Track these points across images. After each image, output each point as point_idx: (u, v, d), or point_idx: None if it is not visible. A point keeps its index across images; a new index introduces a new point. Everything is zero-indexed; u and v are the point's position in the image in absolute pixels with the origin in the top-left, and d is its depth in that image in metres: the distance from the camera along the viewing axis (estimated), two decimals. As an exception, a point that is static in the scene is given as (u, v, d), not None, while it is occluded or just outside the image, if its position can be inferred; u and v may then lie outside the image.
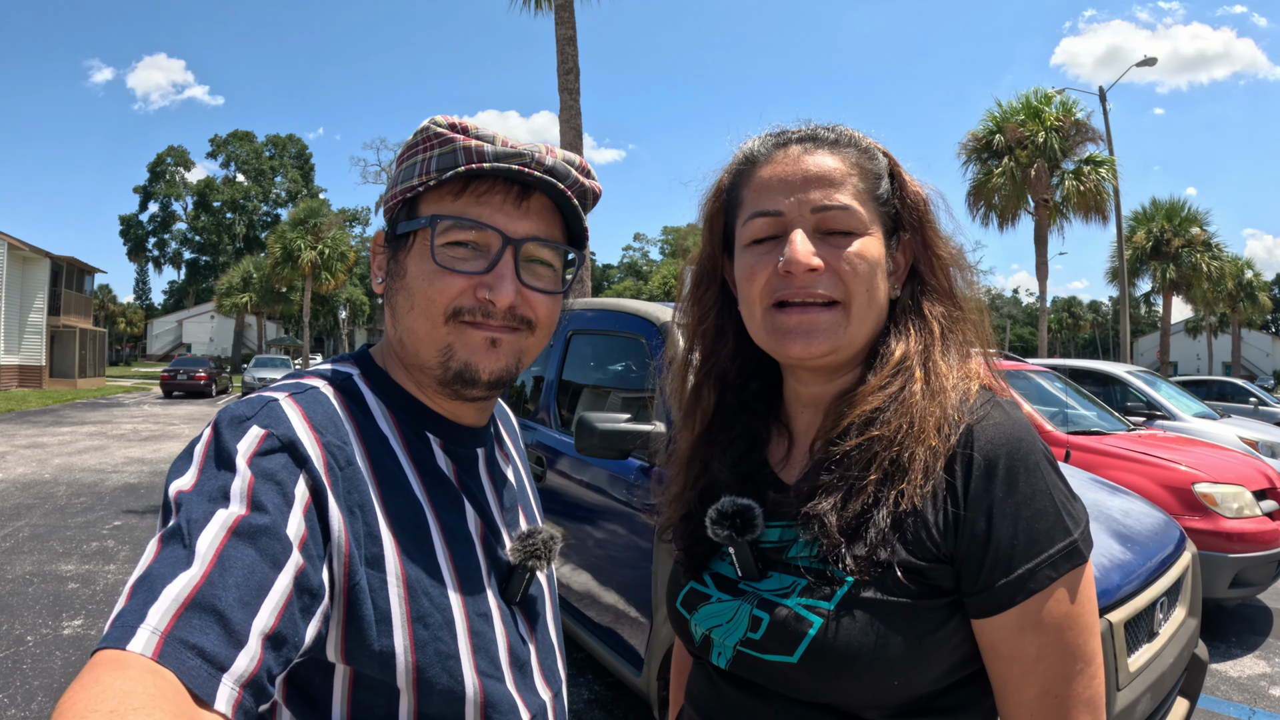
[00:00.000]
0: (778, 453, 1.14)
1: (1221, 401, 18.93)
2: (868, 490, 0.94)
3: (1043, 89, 23.56)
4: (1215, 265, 33.90)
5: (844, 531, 0.94)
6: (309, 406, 0.90)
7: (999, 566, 0.91)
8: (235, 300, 52.42)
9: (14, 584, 6.32)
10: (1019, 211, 23.96)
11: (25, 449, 14.64)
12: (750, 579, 1.03)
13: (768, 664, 0.96)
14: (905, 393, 0.99)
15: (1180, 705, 3.18)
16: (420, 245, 0.97)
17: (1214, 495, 5.65)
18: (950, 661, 0.94)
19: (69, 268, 38.05)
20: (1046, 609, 0.91)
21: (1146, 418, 9.59)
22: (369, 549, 0.87)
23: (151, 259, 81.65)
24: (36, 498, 9.93)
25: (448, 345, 0.96)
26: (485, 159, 0.96)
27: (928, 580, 0.92)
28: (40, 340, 34.66)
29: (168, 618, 0.66)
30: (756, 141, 1.11)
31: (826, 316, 1.00)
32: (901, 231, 1.08)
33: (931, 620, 0.92)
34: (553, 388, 4.66)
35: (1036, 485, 0.93)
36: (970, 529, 0.92)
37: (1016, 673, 0.92)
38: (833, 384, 1.08)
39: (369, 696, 0.87)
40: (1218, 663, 5.22)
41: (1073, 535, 0.93)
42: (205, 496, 0.77)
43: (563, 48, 13.13)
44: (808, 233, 1.01)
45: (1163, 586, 3.00)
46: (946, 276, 1.08)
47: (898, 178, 1.08)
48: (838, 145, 1.05)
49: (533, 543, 1.02)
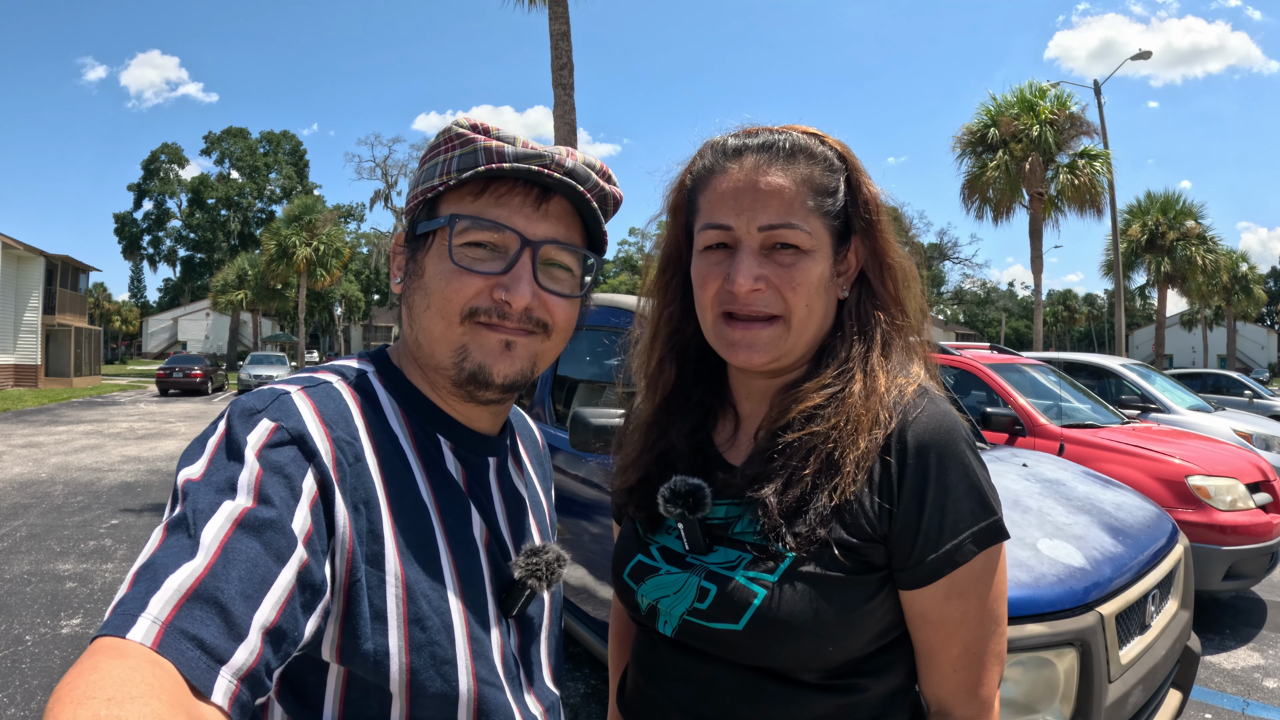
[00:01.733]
0: (724, 433, 1.22)
1: (1216, 394, 18.99)
2: (806, 480, 1.03)
3: (1037, 82, 23.55)
4: (1210, 258, 33.96)
5: (784, 514, 1.03)
6: (321, 401, 0.90)
7: (929, 543, 1.01)
8: (230, 297, 52.29)
9: (12, 583, 6.32)
10: (1014, 205, 23.95)
11: (21, 448, 14.62)
12: (697, 553, 1.10)
13: (713, 631, 1.04)
14: (844, 393, 1.08)
15: (1173, 697, 3.21)
16: (438, 245, 0.98)
17: (1207, 488, 5.67)
18: (878, 628, 1.04)
19: (64, 266, 37.98)
20: (969, 579, 1.02)
21: (1141, 411, 9.62)
22: (371, 546, 0.86)
23: (146, 257, 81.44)
24: (33, 497, 9.92)
25: (462, 346, 0.96)
26: (505, 159, 0.96)
27: (861, 557, 1.02)
28: (35, 339, 34.58)
29: (169, 607, 0.66)
30: (716, 147, 1.16)
31: (767, 332, 1.09)
32: (854, 235, 1.14)
33: (863, 592, 1.02)
34: (547, 383, 4.67)
35: (961, 471, 1.03)
36: (903, 511, 1.02)
37: (942, 635, 1.04)
38: (777, 380, 1.17)
39: (361, 698, 0.87)
40: (1211, 655, 5.25)
41: (995, 515, 1.04)
42: (213, 487, 0.77)
43: (556, 43, 13.11)
44: (754, 248, 1.08)
45: (1155, 579, 3.02)
46: (894, 283, 1.15)
47: (854, 182, 1.13)
48: (792, 158, 1.10)
49: (536, 562, 1.02)
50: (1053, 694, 2.41)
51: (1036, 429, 6.74)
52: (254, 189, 78.41)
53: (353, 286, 66.36)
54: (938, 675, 1.07)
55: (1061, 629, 2.42)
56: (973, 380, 7.49)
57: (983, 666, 1.05)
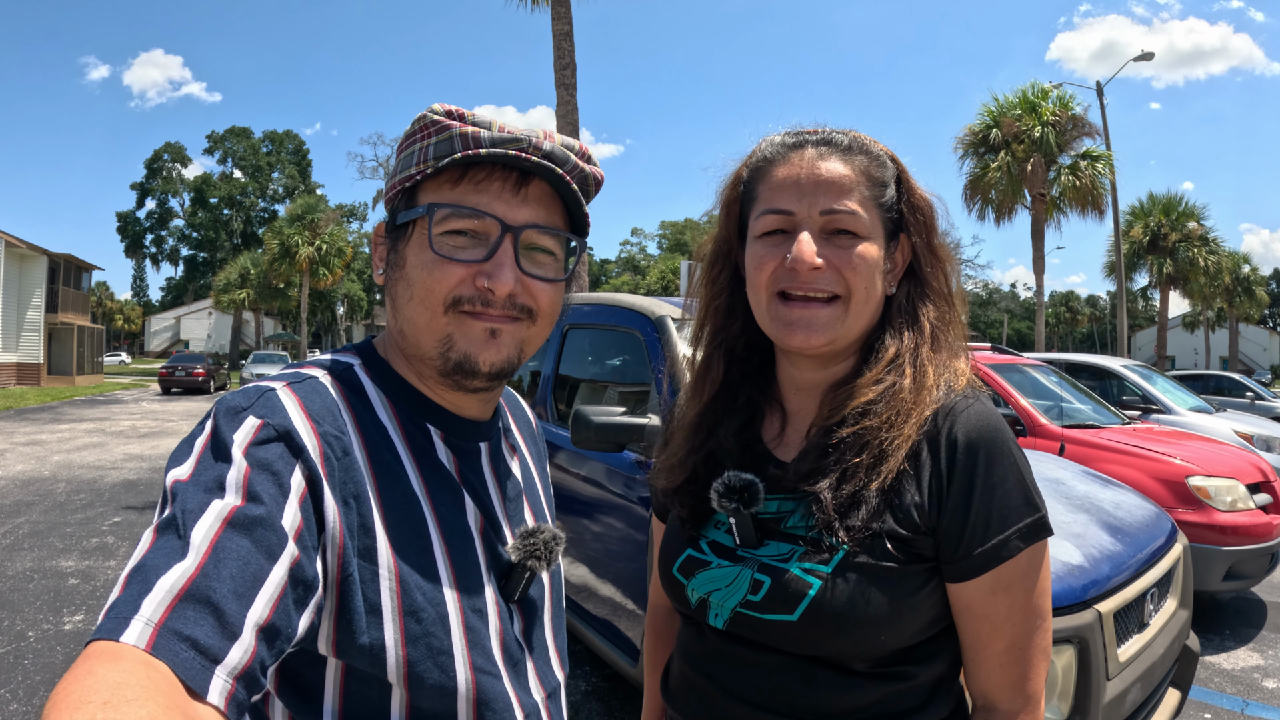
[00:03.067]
0: (771, 430, 1.24)
1: (1218, 396, 18.98)
2: (859, 474, 1.06)
3: (1039, 83, 23.55)
4: (1212, 260, 33.96)
5: (838, 508, 1.05)
6: (306, 396, 0.89)
7: (976, 537, 1.04)
8: (233, 296, 52.32)
9: (14, 580, 6.34)
10: (1016, 206, 23.94)
11: (24, 446, 14.65)
12: (749, 547, 1.13)
13: (766, 622, 1.07)
14: (895, 387, 1.10)
15: (1172, 696, 3.22)
16: (419, 234, 0.96)
17: (1207, 488, 5.67)
18: (927, 618, 1.07)
19: (66, 265, 38.02)
20: (1015, 574, 1.05)
21: (1142, 411, 9.62)
22: (362, 540, 0.86)
23: (149, 256, 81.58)
24: (36, 494, 9.95)
25: (447, 335, 0.95)
26: (482, 145, 0.95)
27: (912, 548, 1.05)
28: (38, 338, 34.64)
29: (162, 609, 0.66)
30: (775, 140, 1.20)
31: (826, 312, 1.11)
32: (902, 234, 1.17)
33: (914, 583, 1.05)
34: (550, 382, 4.68)
35: (1008, 468, 1.06)
36: (952, 505, 1.05)
37: (988, 629, 1.06)
38: (826, 371, 1.19)
39: (361, 689, 0.87)
40: (1211, 655, 5.26)
41: (1040, 512, 1.06)
42: (201, 487, 0.77)
43: (559, 43, 13.13)
44: (814, 233, 1.10)
45: (1153, 578, 3.03)
46: (945, 278, 1.19)
47: (905, 184, 1.17)
48: (850, 151, 1.14)
49: (534, 542, 1.02)
50: (1050, 691, 2.42)
51: (1037, 429, 6.74)
52: (257, 188, 78.48)
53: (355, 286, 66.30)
54: (984, 669, 1.09)
55: (1060, 626, 2.43)
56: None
57: (1029, 661, 1.07)
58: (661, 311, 3.88)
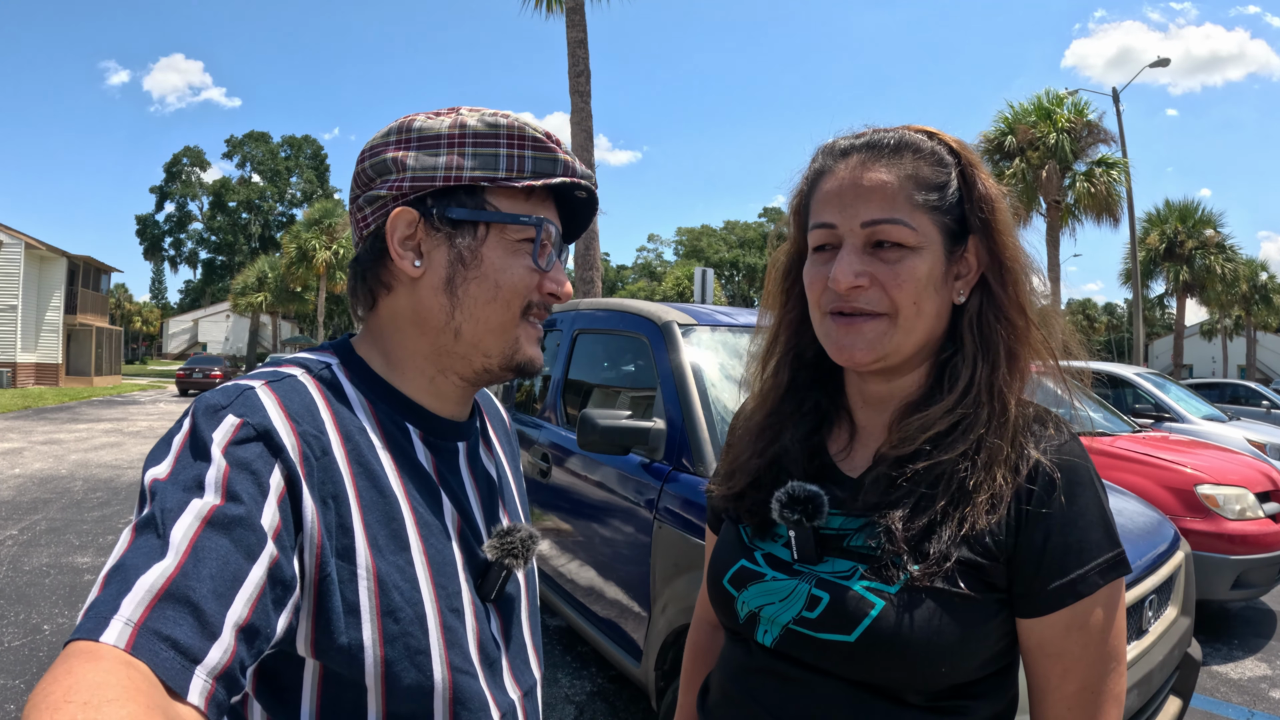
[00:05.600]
0: (839, 441, 1.19)
1: (1234, 404, 18.86)
2: (935, 510, 1.00)
3: (1054, 90, 23.47)
4: (1229, 267, 33.69)
5: (909, 541, 0.99)
6: (285, 395, 0.90)
7: (1053, 570, 0.98)
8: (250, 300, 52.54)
9: (31, 575, 6.44)
10: (1031, 213, 23.82)
11: (42, 445, 14.81)
12: (808, 562, 1.08)
13: (821, 642, 1.02)
14: (972, 420, 1.04)
15: (1172, 704, 3.22)
16: (500, 238, 1.01)
17: (1216, 497, 5.67)
18: (991, 653, 1.01)
19: (85, 267, 38.38)
20: (1092, 612, 0.99)
21: (1154, 419, 9.58)
22: (340, 540, 0.86)
23: (167, 258, 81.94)
24: (53, 492, 10.07)
25: (515, 337, 1.03)
26: (575, 174, 1.03)
27: (983, 576, 0.99)
28: (57, 338, 35.00)
29: (141, 609, 0.66)
30: (827, 150, 1.14)
31: (871, 326, 1.05)
32: (971, 236, 1.09)
33: (983, 613, 0.99)
34: (559, 386, 4.73)
35: (1090, 501, 1.01)
36: (1029, 535, 0.99)
37: (1059, 669, 1.01)
38: (891, 384, 1.13)
39: (338, 691, 0.88)
40: (1218, 665, 5.25)
41: (1119, 548, 1.01)
42: (180, 486, 0.77)
43: (574, 50, 13.22)
44: (858, 245, 1.05)
45: (1152, 584, 3.04)
46: (1015, 286, 1.09)
47: (969, 180, 1.08)
48: (896, 153, 1.07)
49: (510, 541, 1.03)
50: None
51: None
52: (275, 192, 78.82)
53: (371, 289, 66.19)
54: (1052, 713, 1.03)
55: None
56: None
57: (1100, 707, 1.01)
58: (668, 317, 3.91)
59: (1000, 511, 0.99)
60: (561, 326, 4.96)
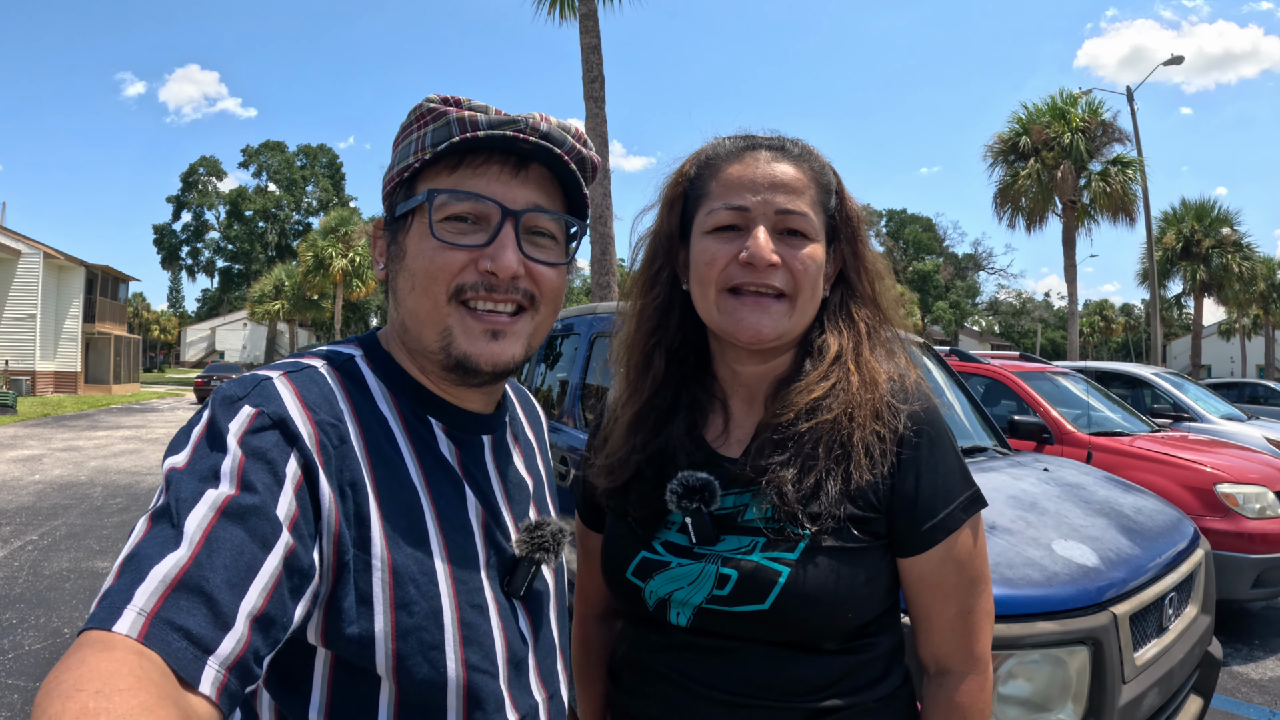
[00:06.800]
0: (714, 429, 1.26)
1: (1254, 404, 18.70)
2: (820, 466, 1.11)
3: (1068, 90, 23.43)
4: (1246, 266, 33.49)
5: (800, 499, 1.10)
6: (303, 384, 0.89)
7: (925, 513, 1.13)
8: (267, 308, 52.75)
9: (52, 579, 6.48)
10: (1046, 213, 23.78)
11: (62, 452, 14.91)
12: (707, 544, 1.15)
13: (737, 615, 1.10)
14: (843, 384, 1.16)
15: (1193, 703, 3.19)
16: (419, 223, 0.95)
17: (1235, 496, 5.62)
18: (883, 593, 1.15)
19: (104, 276, 38.76)
20: (960, 544, 1.15)
21: (1172, 419, 9.53)
22: (357, 530, 0.85)
23: (185, 267, 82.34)
24: (73, 498, 10.14)
25: (447, 328, 0.95)
26: (479, 128, 0.94)
27: (870, 528, 1.12)
28: (76, 347, 35.26)
29: (154, 599, 0.66)
30: (727, 140, 1.24)
31: (778, 306, 1.15)
32: (837, 242, 1.23)
33: (875, 560, 1.13)
34: (577, 391, 4.73)
35: (947, 449, 1.17)
36: (902, 484, 1.13)
37: (940, 597, 1.16)
38: (766, 366, 1.23)
39: (349, 682, 0.87)
40: (1239, 665, 5.21)
41: (975, 487, 1.18)
42: (196, 476, 0.76)
43: (587, 56, 13.25)
44: (769, 230, 1.14)
45: (1172, 582, 3.01)
46: (872, 285, 1.25)
47: (841, 195, 1.23)
48: (801, 159, 1.19)
49: (540, 534, 1.01)
50: (1065, 693, 2.42)
51: (1064, 436, 6.70)
52: (291, 201, 79.13)
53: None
54: (936, 636, 1.18)
55: (1073, 627, 2.43)
56: (1001, 389, 7.47)
57: (976, 625, 1.17)
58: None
59: (881, 466, 1.12)
60: (579, 330, 4.96)
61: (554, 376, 5.20)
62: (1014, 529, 2.88)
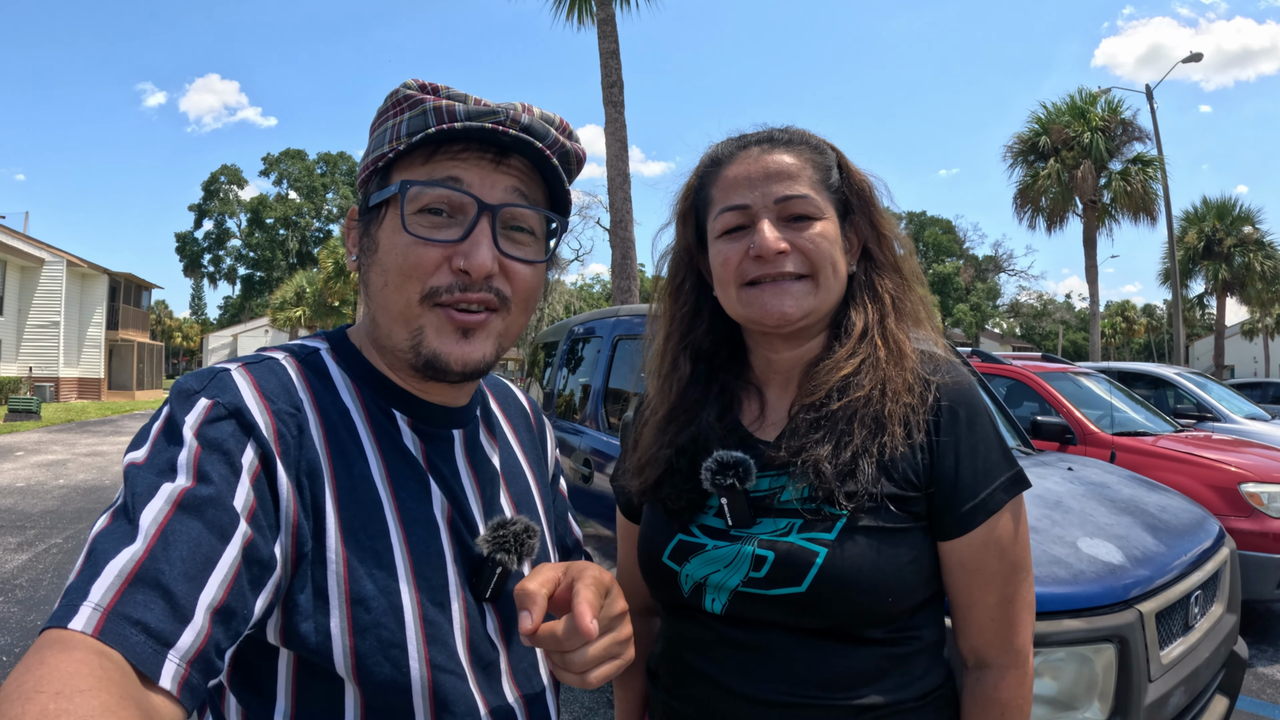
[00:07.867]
0: (750, 413, 1.26)
1: (1277, 404, 18.51)
2: (855, 442, 1.10)
3: (1087, 89, 23.30)
4: (1269, 264, 33.15)
5: (838, 476, 1.08)
6: (261, 375, 0.87)
7: (966, 493, 1.10)
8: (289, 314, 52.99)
9: (78, 585, 6.53)
10: (1067, 214, 23.67)
11: (86, 457, 15.04)
12: (743, 526, 1.14)
13: (773, 598, 1.08)
14: (871, 359, 1.16)
15: (1219, 702, 3.16)
16: (392, 216, 0.91)
17: (1261, 495, 5.57)
18: (925, 579, 1.12)
19: (126, 284, 39.19)
20: (1001, 527, 1.11)
21: (1196, 419, 9.46)
22: (314, 521, 0.83)
23: (207, 275, 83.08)
24: (97, 502, 10.23)
25: (419, 327, 0.91)
26: (456, 118, 0.90)
27: (910, 509, 1.10)
28: (99, 353, 35.66)
29: (110, 594, 0.65)
30: (719, 145, 1.27)
31: (798, 285, 1.16)
32: (852, 214, 1.23)
33: (916, 542, 1.10)
34: (600, 394, 4.74)
35: (987, 426, 1.14)
36: (941, 465, 1.11)
37: (980, 583, 1.12)
38: (799, 350, 1.23)
39: (314, 684, 0.84)
40: (1264, 666, 5.15)
41: (1017, 467, 1.14)
42: (153, 470, 0.75)
43: (606, 61, 13.28)
44: (772, 221, 1.16)
45: (1198, 580, 2.99)
46: (892, 251, 1.25)
47: (845, 168, 1.24)
48: (791, 144, 1.21)
49: (503, 534, 0.95)
50: (1091, 691, 2.40)
51: (1087, 436, 6.67)
52: (311, 209, 79.64)
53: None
54: (976, 626, 1.14)
55: (1099, 625, 2.42)
56: (1024, 390, 7.44)
57: (1017, 615, 1.13)
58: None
59: (916, 437, 1.11)
60: (602, 333, 4.97)
61: (576, 380, 5.21)
62: (1039, 527, 2.87)
